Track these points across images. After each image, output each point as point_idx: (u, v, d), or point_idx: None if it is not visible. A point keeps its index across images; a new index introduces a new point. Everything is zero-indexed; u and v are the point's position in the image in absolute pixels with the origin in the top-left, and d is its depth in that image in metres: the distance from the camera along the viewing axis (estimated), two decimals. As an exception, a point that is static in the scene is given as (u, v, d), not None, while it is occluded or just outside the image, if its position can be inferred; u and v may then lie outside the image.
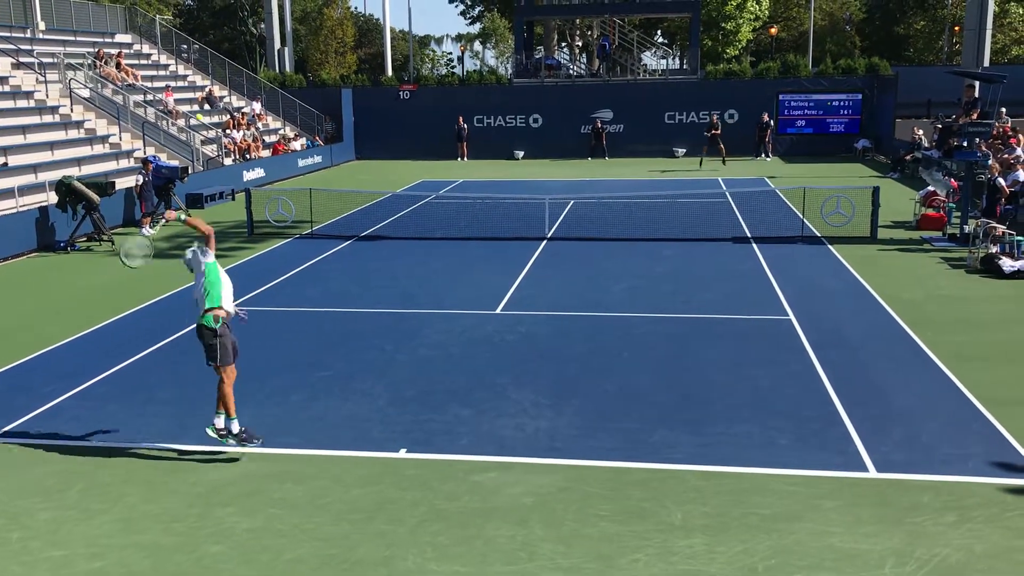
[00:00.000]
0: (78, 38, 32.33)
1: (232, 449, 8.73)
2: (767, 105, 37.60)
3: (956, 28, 55.65)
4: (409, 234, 20.77)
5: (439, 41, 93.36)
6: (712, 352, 11.71)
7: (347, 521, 7.42)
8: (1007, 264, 15.76)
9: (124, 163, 25.73)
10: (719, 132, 35.19)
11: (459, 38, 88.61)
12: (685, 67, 43.72)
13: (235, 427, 8.63)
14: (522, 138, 39.76)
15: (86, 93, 28.15)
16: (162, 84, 32.94)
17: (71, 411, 10.03)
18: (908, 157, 29.85)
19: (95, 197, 19.72)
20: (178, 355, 12.04)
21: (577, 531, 7.19)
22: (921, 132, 30.81)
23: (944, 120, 27.50)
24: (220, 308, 8.37)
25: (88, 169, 23.89)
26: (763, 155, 37.16)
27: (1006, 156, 21.61)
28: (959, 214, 19.11)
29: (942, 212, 20.40)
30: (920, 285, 15.27)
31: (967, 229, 18.14)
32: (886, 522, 7.24)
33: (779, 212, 22.78)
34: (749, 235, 19.85)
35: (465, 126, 39.08)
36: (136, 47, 35.58)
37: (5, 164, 21.50)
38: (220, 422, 8.61)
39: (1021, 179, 20.69)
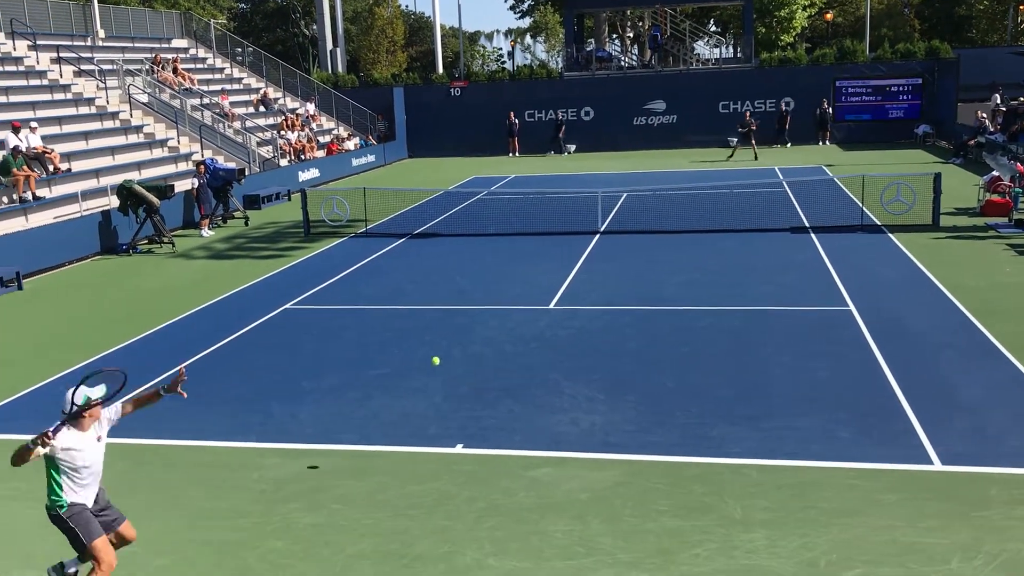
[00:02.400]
0: (136, 44, 33.05)
1: (296, 445, 8.75)
2: (824, 92, 36.98)
3: (1021, 7, 54.07)
4: (462, 231, 20.85)
5: (489, 37, 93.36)
6: (771, 345, 11.55)
7: (406, 516, 7.48)
8: (1076, 250, 15.29)
9: (182, 166, 26.24)
10: (755, 128, 33.74)
11: (509, 33, 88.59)
12: (739, 55, 43.14)
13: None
14: (574, 132, 39.63)
15: (145, 98, 28.76)
16: (218, 87, 33.51)
17: (137, 410, 10.23)
18: (971, 142, 29.12)
19: (155, 200, 20.13)
20: (240, 353, 12.25)
21: (636, 526, 7.16)
22: (985, 115, 30.01)
23: (1010, 103, 26.78)
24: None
25: (148, 173, 24.41)
26: (821, 142, 36.58)
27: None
28: (1026, 199, 18.60)
29: (1007, 197, 19.86)
30: (984, 273, 14.89)
31: (1034, 214, 17.65)
32: (951, 516, 7.08)
33: (838, 201, 22.39)
34: (807, 225, 19.54)
35: (516, 121, 39.08)
36: (192, 51, 36.24)
37: (69, 169, 22.07)
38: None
39: (1090, 162, 20.08)
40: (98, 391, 6.13)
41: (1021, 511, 7.11)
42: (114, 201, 20.59)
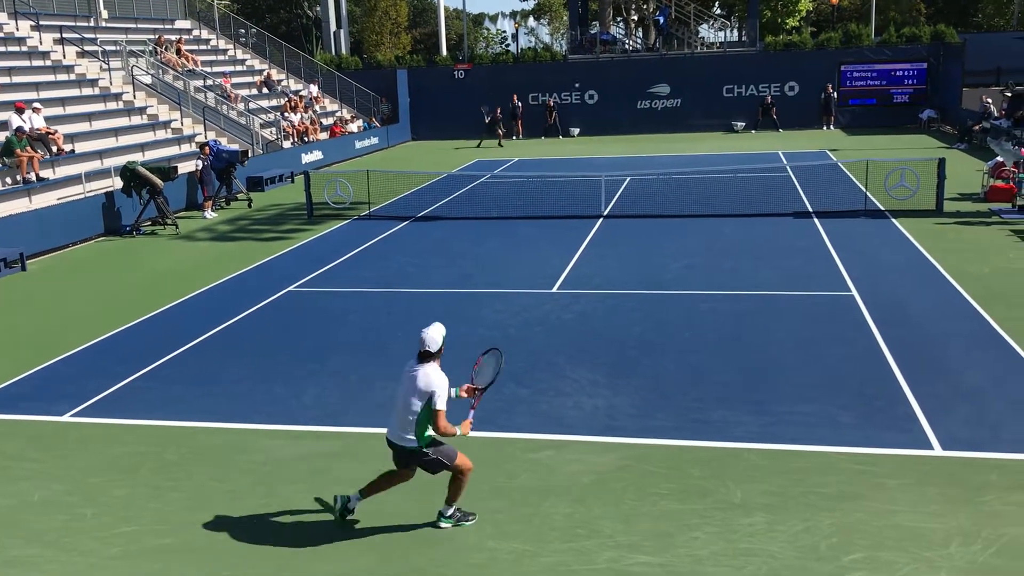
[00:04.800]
0: (139, 25, 32.92)
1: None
2: (829, 76, 36.87)
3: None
4: (465, 214, 20.83)
5: (493, 19, 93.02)
6: (774, 330, 11.57)
7: (409, 499, 7.51)
8: (1080, 236, 15.27)
9: (186, 148, 26.21)
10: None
11: (513, 15, 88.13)
12: (744, 39, 42.96)
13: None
14: (578, 115, 39.52)
15: (148, 79, 28.69)
16: (221, 69, 33.42)
17: (141, 392, 10.31)
18: (976, 127, 29.01)
19: (159, 182, 20.13)
20: (242, 336, 12.29)
21: (636, 509, 7.20)
22: (990, 101, 29.89)
23: (1015, 88, 26.65)
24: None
25: (151, 154, 24.38)
26: (826, 126, 36.55)
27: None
28: (1030, 185, 18.55)
29: (1012, 183, 19.80)
30: (988, 259, 14.87)
31: (1038, 200, 17.60)
32: (952, 501, 7.11)
33: (841, 185, 22.34)
34: (811, 209, 19.51)
35: (520, 104, 38.96)
36: (195, 33, 36.12)
37: (72, 151, 22.05)
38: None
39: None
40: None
41: (1019, 496, 7.14)
42: (118, 183, 20.59)
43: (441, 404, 6.68)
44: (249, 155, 25.92)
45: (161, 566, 6.66)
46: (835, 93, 36.75)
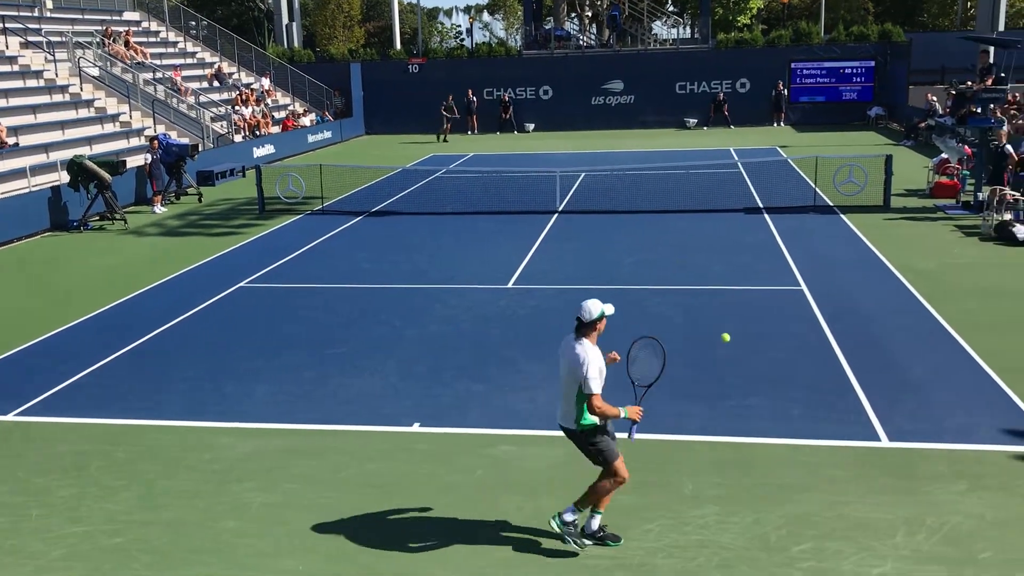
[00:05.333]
0: (86, 16, 32.29)
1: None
2: (779, 73, 37.33)
3: (970, -8, 54.84)
4: (420, 209, 20.76)
5: (448, 13, 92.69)
6: (724, 324, 11.68)
7: (361, 495, 7.49)
8: (1021, 231, 15.65)
9: (135, 141, 25.77)
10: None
11: (468, 9, 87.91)
12: (696, 36, 43.32)
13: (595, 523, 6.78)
14: (532, 110, 39.57)
15: (95, 72, 28.15)
16: (171, 61, 32.90)
17: (88, 389, 10.13)
18: (922, 124, 29.58)
19: (106, 176, 19.77)
20: (193, 332, 12.13)
21: (590, 503, 7.23)
22: (935, 99, 30.50)
23: (958, 86, 27.19)
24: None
25: (99, 148, 23.93)
26: (776, 123, 37.05)
27: (1020, 122, 21.41)
28: (973, 181, 18.96)
29: (956, 179, 20.24)
30: (933, 254, 15.19)
31: (981, 196, 18.01)
32: (898, 491, 7.27)
33: (791, 182, 22.64)
34: (761, 205, 19.76)
35: (475, 99, 38.91)
36: (144, 24, 35.51)
37: (16, 144, 21.57)
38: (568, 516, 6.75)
39: (1036, 145, 20.51)
40: (609, 308, 6.54)
41: (962, 485, 7.31)
42: (64, 176, 20.18)
43: (595, 387, 6.32)
44: (199, 149, 25.57)
45: (112, 566, 6.56)
46: (785, 91, 37.24)
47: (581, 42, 45.46)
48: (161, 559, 6.63)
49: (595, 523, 6.67)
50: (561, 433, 6.71)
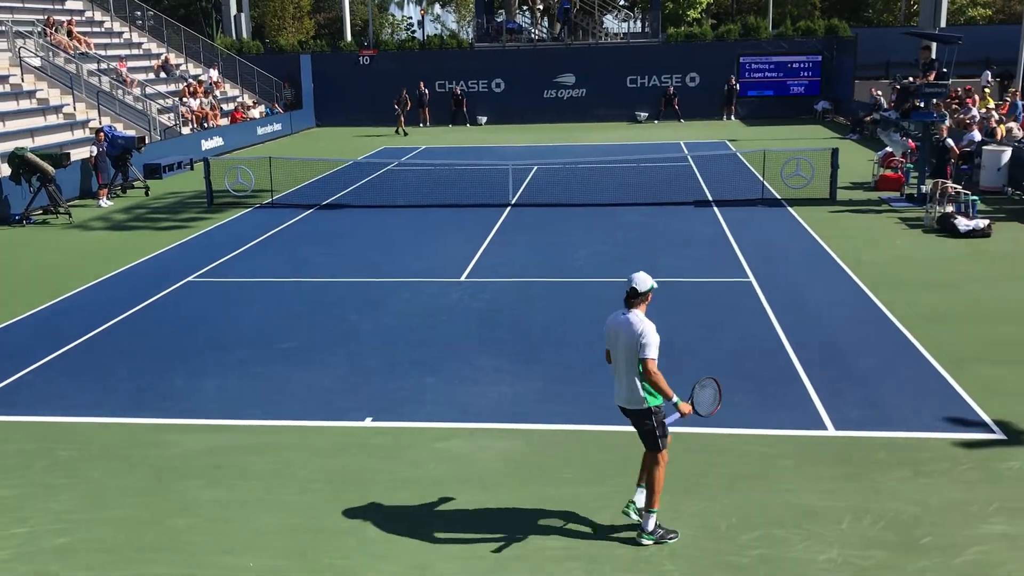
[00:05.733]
0: (27, 5, 31.49)
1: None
2: (729, 68, 37.76)
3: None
4: (371, 202, 20.63)
5: (399, 5, 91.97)
6: (674, 316, 11.79)
7: (312, 491, 7.44)
8: (963, 223, 16.02)
9: (79, 133, 25.24)
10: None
11: (419, 1, 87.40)
12: (647, 30, 43.55)
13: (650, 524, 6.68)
14: (485, 103, 39.52)
15: (37, 62, 27.50)
16: (116, 52, 32.26)
17: (30, 387, 9.93)
18: (868, 118, 30.10)
19: (50, 169, 19.35)
20: (140, 328, 11.93)
21: (543, 494, 7.28)
22: (880, 93, 31.05)
23: (902, 81, 27.70)
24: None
25: (41, 140, 23.40)
26: (726, 117, 37.46)
27: (961, 116, 21.88)
28: (916, 174, 19.35)
29: (900, 173, 20.64)
30: (878, 246, 15.48)
31: (924, 189, 18.40)
32: (844, 479, 7.41)
33: (740, 175, 22.92)
34: (710, 198, 19.96)
35: (427, 91, 38.74)
36: (88, 14, 34.75)
37: (-45, 136, 21.04)
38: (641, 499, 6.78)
39: (976, 139, 20.99)
40: (653, 283, 6.81)
41: (905, 472, 7.48)
42: (5, 169, 19.71)
43: (651, 352, 6.36)
44: (146, 141, 25.10)
45: (60, 567, 6.45)
46: (737, 84, 37.66)
47: (533, 35, 45.49)
48: (110, 558, 6.53)
49: (650, 523, 6.57)
50: (515, 425, 6.72)
